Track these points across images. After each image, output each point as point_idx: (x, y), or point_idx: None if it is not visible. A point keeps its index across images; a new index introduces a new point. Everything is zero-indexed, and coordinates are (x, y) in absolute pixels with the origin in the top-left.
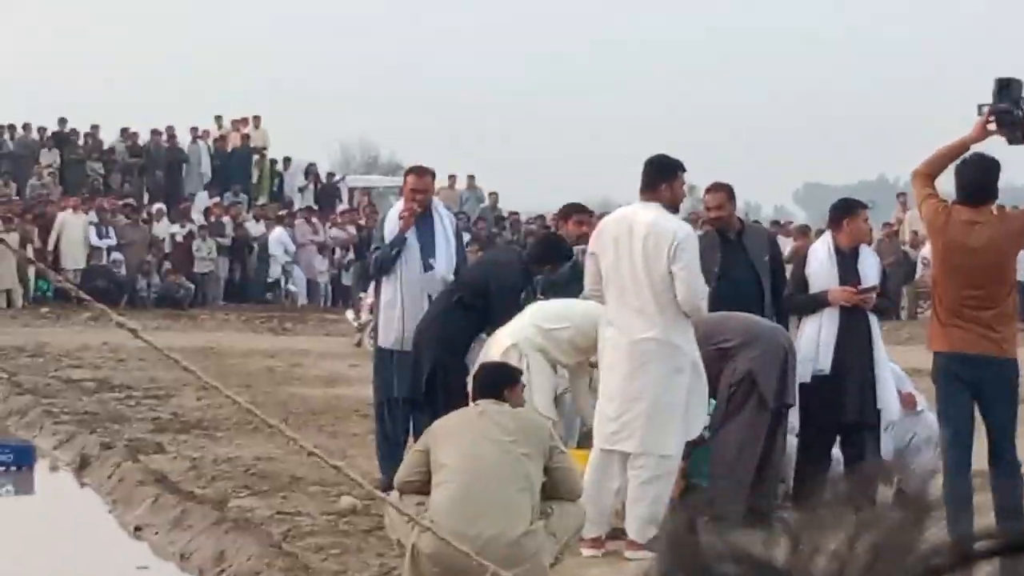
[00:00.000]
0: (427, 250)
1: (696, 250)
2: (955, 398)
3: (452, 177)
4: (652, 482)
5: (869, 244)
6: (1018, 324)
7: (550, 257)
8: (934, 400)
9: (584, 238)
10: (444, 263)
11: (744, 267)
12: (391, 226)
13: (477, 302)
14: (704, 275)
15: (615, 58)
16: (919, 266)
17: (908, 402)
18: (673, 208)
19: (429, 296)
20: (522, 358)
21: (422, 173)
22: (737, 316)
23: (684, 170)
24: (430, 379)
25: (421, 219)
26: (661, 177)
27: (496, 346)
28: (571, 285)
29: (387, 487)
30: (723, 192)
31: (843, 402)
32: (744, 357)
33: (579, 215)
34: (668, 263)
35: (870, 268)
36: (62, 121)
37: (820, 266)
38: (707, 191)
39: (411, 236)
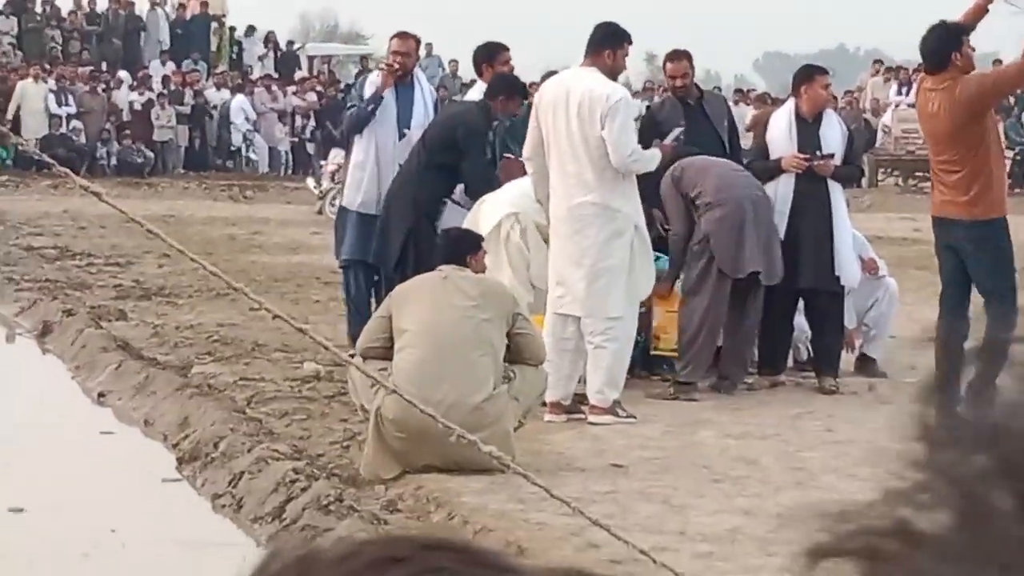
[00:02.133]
0: (403, 117)
1: (629, 113)
2: (943, 259)
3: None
4: (605, 345)
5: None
6: (1001, 186)
7: (506, 88)
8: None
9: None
10: (419, 132)
11: (707, 133)
12: (371, 88)
13: (447, 158)
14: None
15: None
16: (879, 134)
17: (870, 267)
18: (612, 76)
19: (399, 165)
20: (515, 226)
21: (405, 36)
22: (719, 171)
23: (631, 42)
24: (403, 245)
25: (402, 85)
26: (606, 43)
27: (491, 211)
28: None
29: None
30: (685, 59)
31: (798, 268)
32: (707, 218)
33: (503, 53)
34: (601, 126)
35: (832, 136)
36: None
37: (779, 133)
38: (668, 59)
39: (390, 99)
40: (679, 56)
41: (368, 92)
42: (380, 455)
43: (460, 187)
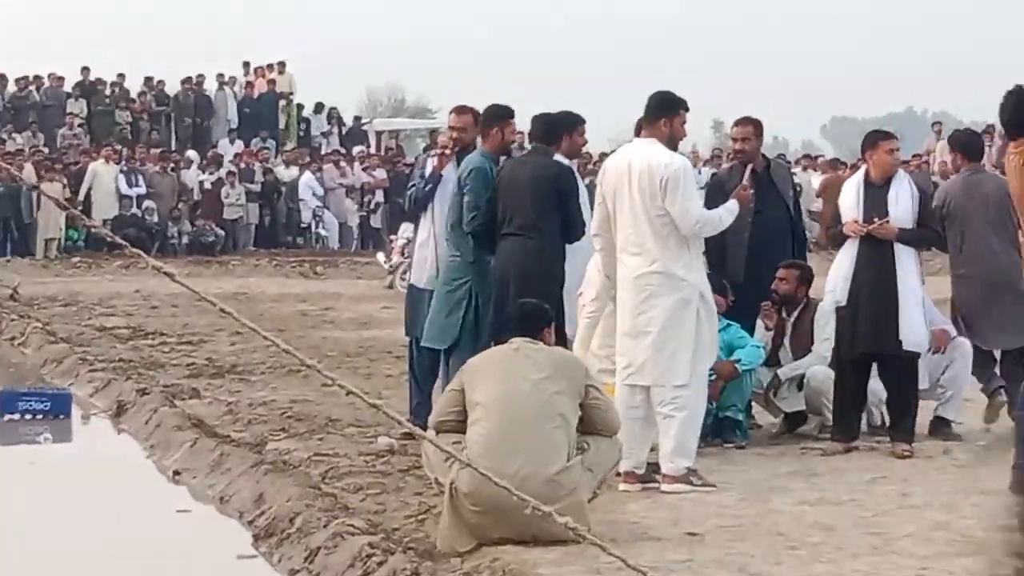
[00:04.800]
0: None
1: (689, 180)
2: None
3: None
4: (673, 414)
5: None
6: None
7: (558, 130)
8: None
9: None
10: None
11: (776, 201)
12: (431, 166)
13: (554, 215)
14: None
15: None
16: None
17: (939, 340)
18: (671, 145)
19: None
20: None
21: (461, 111)
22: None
23: (687, 109)
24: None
25: (463, 159)
26: (661, 112)
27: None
28: None
29: (418, 427)
30: (750, 126)
31: (859, 332)
32: None
33: (580, 126)
34: (661, 197)
35: (903, 200)
36: (85, 70)
37: (847, 199)
38: (735, 124)
39: (451, 175)
40: (746, 122)
41: (429, 170)
42: (456, 528)
43: None
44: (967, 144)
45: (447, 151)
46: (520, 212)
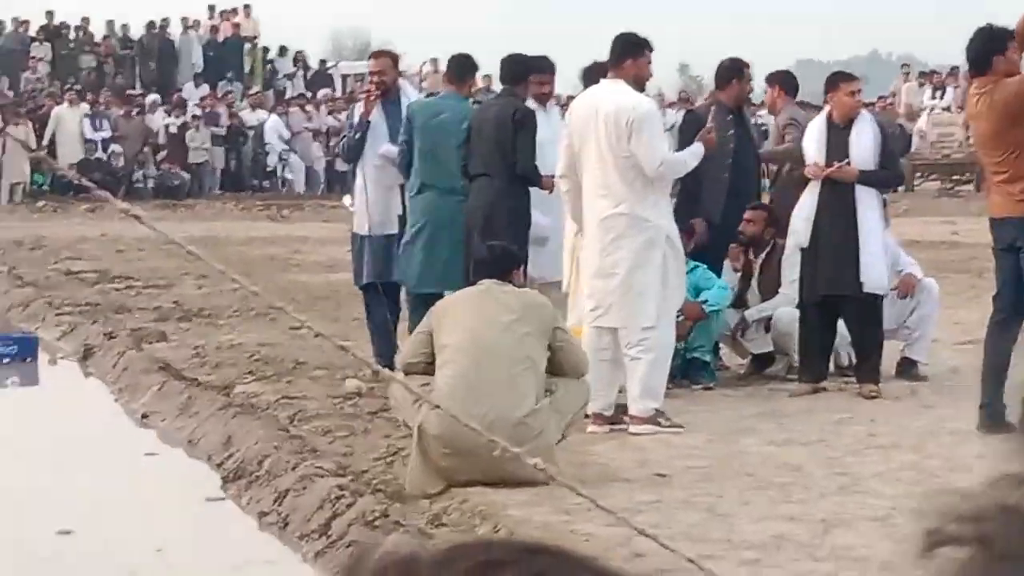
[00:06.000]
0: (394, 134)
1: (655, 122)
2: (1000, 260)
3: (435, 61)
4: (640, 356)
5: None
6: None
7: (523, 69)
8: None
9: (545, 97)
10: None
11: (747, 142)
12: (358, 112)
13: (508, 161)
14: (721, 149)
15: None
16: (915, 138)
17: (906, 286)
18: (639, 85)
19: (401, 186)
20: None
21: (379, 55)
22: None
23: (651, 49)
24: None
25: (389, 103)
26: (627, 54)
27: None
28: None
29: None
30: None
31: (817, 275)
32: None
33: (539, 75)
34: (627, 139)
35: (863, 140)
36: (49, 14)
37: (811, 141)
38: (747, 66)
39: (379, 120)
40: (748, 64)
41: (356, 116)
42: (424, 471)
43: None
44: (785, 81)
45: (371, 96)
46: (485, 154)
